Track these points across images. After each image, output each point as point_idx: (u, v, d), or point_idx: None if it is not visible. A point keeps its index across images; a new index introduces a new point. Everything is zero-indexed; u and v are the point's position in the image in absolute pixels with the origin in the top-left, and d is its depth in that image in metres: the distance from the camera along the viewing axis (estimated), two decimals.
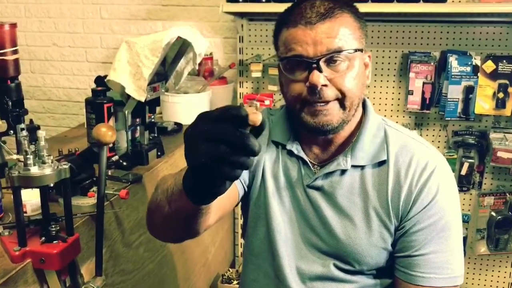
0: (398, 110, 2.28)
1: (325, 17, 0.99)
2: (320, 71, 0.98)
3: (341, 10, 1.01)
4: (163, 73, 1.67)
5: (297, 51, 0.99)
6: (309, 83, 0.98)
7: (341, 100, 1.01)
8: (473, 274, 2.38)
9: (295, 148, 1.12)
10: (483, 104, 2.09)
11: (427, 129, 2.26)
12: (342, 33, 0.99)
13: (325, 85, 0.99)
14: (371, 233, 1.07)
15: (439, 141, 2.26)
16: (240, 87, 2.42)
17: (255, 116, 0.60)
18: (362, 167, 1.08)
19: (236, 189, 1.13)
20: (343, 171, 1.08)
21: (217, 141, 0.60)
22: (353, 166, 1.08)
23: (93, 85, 1.81)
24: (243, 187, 1.16)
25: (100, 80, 1.81)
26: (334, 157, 1.10)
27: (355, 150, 1.08)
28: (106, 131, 1.06)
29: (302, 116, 1.03)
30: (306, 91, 1.00)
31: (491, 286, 2.38)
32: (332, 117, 1.01)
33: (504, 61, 2.06)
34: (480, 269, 2.37)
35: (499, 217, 2.22)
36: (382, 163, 1.08)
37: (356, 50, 1.01)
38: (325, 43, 0.98)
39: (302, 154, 1.12)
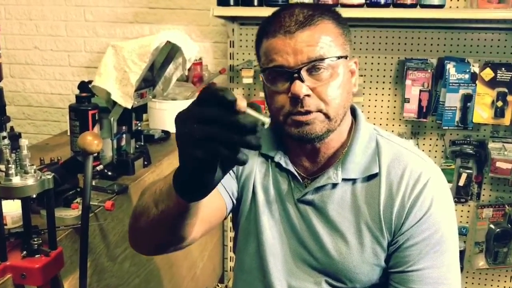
0: (394, 119, 2.30)
1: (304, 25, 0.99)
2: (302, 80, 0.98)
3: (321, 17, 1.01)
4: (150, 79, 1.67)
5: (277, 62, 1.00)
6: (291, 93, 0.98)
7: (325, 111, 1.01)
8: None
9: (283, 161, 1.12)
10: (482, 112, 2.11)
11: (424, 138, 2.28)
12: (323, 40, 1.00)
13: (308, 95, 0.99)
14: (363, 250, 1.07)
15: (436, 151, 2.28)
16: None
17: (242, 103, 0.63)
18: (354, 180, 1.08)
19: (223, 201, 1.13)
20: (334, 185, 1.08)
21: (210, 122, 0.63)
22: (344, 180, 1.08)
23: (76, 91, 1.80)
24: (231, 199, 1.16)
25: (84, 86, 1.81)
26: (324, 170, 1.10)
27: (346, 163, 1.08)
28: (92, 140, 1.06)
29: (286, 128, 1.04)
30: (289, 102, 1.00)
31: None
32: (316, 126, 1.01)
33: (503, 68, 2.08)
34: (479, 284, 2.38)
35: (498, 229, 2.24)
36: (374, 176, 1.08)
37: (339, 58, 1.01)
38: (306, 52, 0.98)
39: (291, 167, 1.12)
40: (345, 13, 1.96)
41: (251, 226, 1.15)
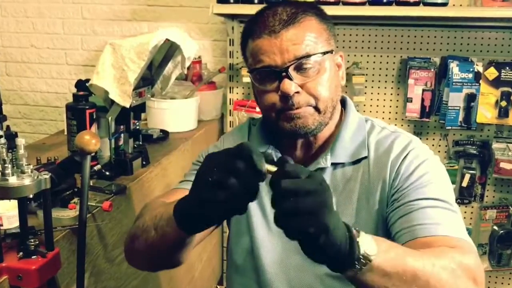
0: (396, 118, 2.30)
1: (288, 24, 1.02)
2: (291, 79, 1.01)
3: (304, 14, 1.04)
4: (149, 78, 1.67)
5: (265, 62, 1.03)
6: (280, 92, 1.02)
7: (316, 105, 1.04)
8: None
9: (274, 154, 1.14)
10: (485, 112, 2.12)
11: (427, 138, 2.28)
12: (308, 38, 1.03)
13: (297, 92, 1.02)
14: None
15: (439, 151, 2.28)
16: (230, 92, 2.42)
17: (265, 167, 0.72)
18: (343, 164, 1.10)
19: None
20: (323, 170, 1.09)
21: (234, 174, 0.72)
22: (334, 164, 1.10)
23: (73, 90, 1.81)
24: None
25: (81, 84, 1.81)
26: (314, 160, 1.12)
27: (335, 149, 1.11)
28: (89, 139, 1.06)
29: (279, 124, 1.06)
30: (279, 100, 1.04)
31: None
32: (307, 119, 1.04)
33: (507, 68, 2.09)
34: None
35: (502, 231, 2.24)
36: (363, 158, 1.10)
37: (324, 53, 1.04)
38: (292, 51, 1.01)
39: None
40: (347, 11, 2.00)
41: (243, 225, 1.17)
